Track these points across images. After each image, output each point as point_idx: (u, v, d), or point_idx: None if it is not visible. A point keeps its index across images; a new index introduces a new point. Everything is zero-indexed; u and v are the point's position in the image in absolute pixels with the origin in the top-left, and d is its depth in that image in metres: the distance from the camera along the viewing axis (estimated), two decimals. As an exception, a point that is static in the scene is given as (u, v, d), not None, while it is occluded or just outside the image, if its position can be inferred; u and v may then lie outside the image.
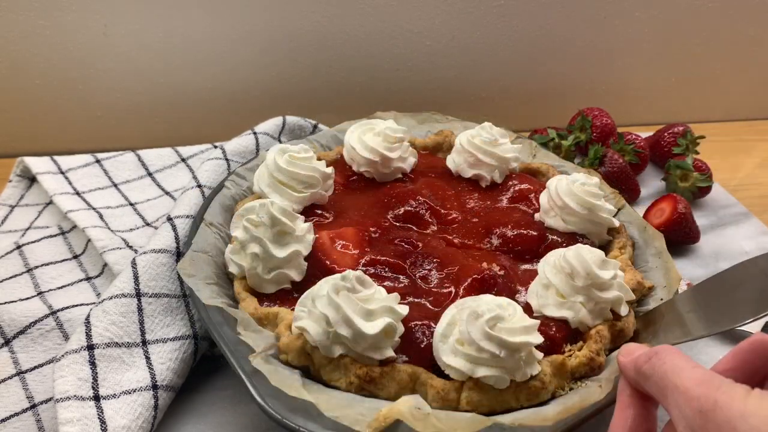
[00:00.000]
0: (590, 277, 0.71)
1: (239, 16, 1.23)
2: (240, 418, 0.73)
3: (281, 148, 0.89)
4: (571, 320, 0.71)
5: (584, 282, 0.71)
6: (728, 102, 1.51)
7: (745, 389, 0.45)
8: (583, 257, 0.71)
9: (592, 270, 0.71)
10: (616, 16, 1.34)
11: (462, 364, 0.63)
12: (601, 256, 0.73)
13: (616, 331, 0.73)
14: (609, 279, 0.71)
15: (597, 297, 0.71)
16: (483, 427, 0.59)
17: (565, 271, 0.72)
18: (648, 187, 1.19)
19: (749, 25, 1.40)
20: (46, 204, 1.04)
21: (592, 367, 0.68)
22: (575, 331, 0.72)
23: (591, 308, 0.71)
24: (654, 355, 0.53)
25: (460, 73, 1.37)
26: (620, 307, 0.73)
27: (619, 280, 0.73)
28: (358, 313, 0.64)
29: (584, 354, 0.69)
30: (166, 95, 1.30)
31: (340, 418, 0.60)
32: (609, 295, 0.72)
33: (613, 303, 0.73)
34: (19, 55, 1.21)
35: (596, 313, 0.72)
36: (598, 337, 0.70)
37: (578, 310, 0.71)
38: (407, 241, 0.83)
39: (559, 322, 0.72)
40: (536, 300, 0.74)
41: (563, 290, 0.72)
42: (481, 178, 0.97)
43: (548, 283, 0.73)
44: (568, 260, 0.72)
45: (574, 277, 0.71)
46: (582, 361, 0.68)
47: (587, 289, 0.71)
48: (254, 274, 0.75)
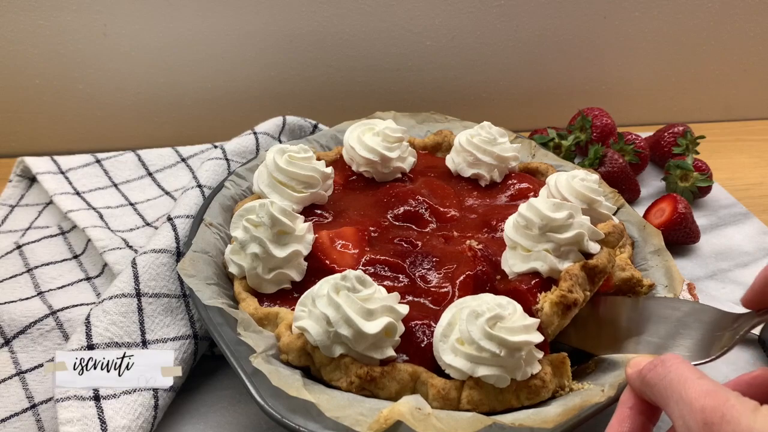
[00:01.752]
0: (544, 222, 0.71)
1: (239, 16, 1.23)
2: (240, 418, 0.73)
3: (281, 148, 0.89)
4: (540, 269, 0.72)
5: (540, 229, 0.71)
6: (728, 102, 1.51)
7: (753, 404, 0.44)
8: (533, 206, 0.73)
9: (545, 214, 0.71)
10: (616, 16, 1.35)
11: (462, 363, 0.63)
12: (554, 201, 0.74)
13: (590, 269, 0.72)
14: (564, 219, 0.72)
15: (557, 239, 0.71)
16: (483, 427, 0.59)
17: (521, 224, 0.73)
18: (648, 187, 1.20)
19: (749, 25, 1.40)
20: (46, 204, 1.04)
21: (567, 305, 0.68)
22: (549, 281, 0.72)
23: (556, 253, 0.72)
24: (660, 363, 0.53)
25: (460, 73, 1.37)
26: (587, 245, 0.73)
27: (579, 220, 0.73)
28: (358, 313, 0.64)
29: (555, 293, 0.69)
30: (166, 95, 1.30)
31: (340, 418, 0.59)
32: (568, 235, 0.71)
33: (577, 242, 0.72)
34: (19, 55, 1.21)
35: (563, 257, 0.72)
36: (567, 276, 0.70)
37: (544, 257, 0.71)
38: (407, 241, 0.83)
39: (530, 275, 0.72)
40: (507, 265, 0.75)
41: (526, 244, 0.73)
42: (481, 177, 0.97)
43: (513, 244, 0.74)
44: (521, 214, 0.73)
45: (531, 228, 0.72)
46: (553, 300, 0.68)
47: (545, 235, 0.71)
48: (254, 275, 0.75)
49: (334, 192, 0.93)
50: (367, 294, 0.66)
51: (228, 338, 0.68)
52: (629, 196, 1.13)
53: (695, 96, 1.49)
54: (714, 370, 0.80)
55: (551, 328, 0.68)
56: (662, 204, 1.04)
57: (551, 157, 1.07)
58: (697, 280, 0.97)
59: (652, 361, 0.54)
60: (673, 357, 0.53)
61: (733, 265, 1.00)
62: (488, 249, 0.79)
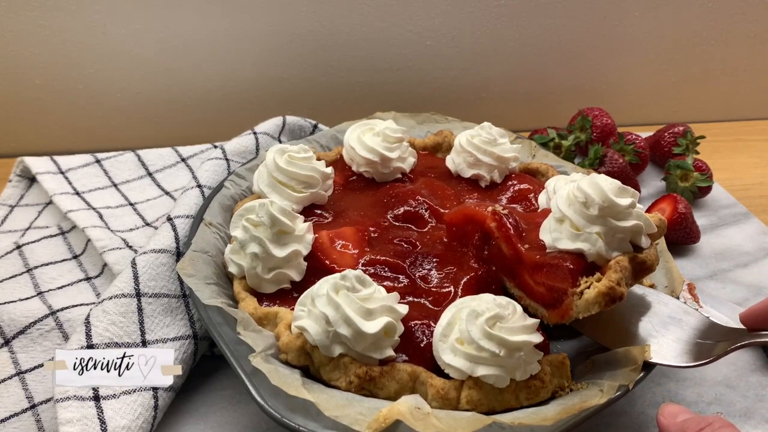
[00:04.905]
0: (606, 205, 0.66)
1: (239, 16, 1.23)
2: (240, 418, 0.73)
3: (280, 148, 0.89)
4: (587, 252, 0.67)
5: (600, 211, 0.66)
6: (728, 102, 1.51)
7: None
8: (598, 185, 0.67)
9: (608, 197, 0.66)
10: (616, 16, 1.34)
11: (462, 363, 0.63)
12: (618, 184, 0.68)
13: (638, 264, 0.68)
14: (626, 206, 0.67)
15: (614, 226, 0.67)
16: (483, 426, 0.59)
17: (579, 200, 0.68)
18: (648, 187, 1.20)
19: (749, 25, 1.40)
20: (46, 204, 1.04)
21: (613, 298, 0.64)
22: (592, 265, 0.68)
23: (608, 239, 0.67)
24: (707, 426, 0.52)
25: (460, 73, 1.37)
26: (640, 239, 0.69)
27: (638, 210, 0.69)
28: (357, 313, 0.64)
29: (604, 284, 0.64)
30: (166, 95, 1.30)
31: (340, 417, 0.59)
32: (627, 224, 0.67)
33: (632, 233, 0.68)
34: (19, 55, 1.21)
35: (614, 245, 0.67)
36: (618, 267, 0.65)
37: (594, 241, 0.67)
38: (407, 241, 0.83)
39: (574, 255, 0.68)
40: (549, 235, 0.70)
41: (578, 222, 0.67)
42: (481, 177, 0.97)
43: (562, 217, 0.69)
44: (582, 189, 0.68)
45: (588, 207, 0.67)
46: (601, 290, 0.64)
47: (603, 218, 0.66)
48: (254, 274, 0.75)
49: (334, 192, 0.93)
50: (367, 294, 0.66)
51: (227, 338, 0.68)
52: (629, 196, 1.13)
53: (695, 96, 1.49)
54: (714, 371, 0.80)
55: (582, 315, 0.65)
56: (662, 204, 1.04)
57: (551, 157, 1.07)
58: (697, 280, 0.97)
59: (697, 421, 0.53)
60: (720, 420, 0.52)
61: (733, 265, 1.00)
62: (513, 216, 0.75)
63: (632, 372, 0.65)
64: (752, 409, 0.76)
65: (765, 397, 0.77)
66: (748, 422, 0.74)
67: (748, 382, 0.79)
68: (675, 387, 0.78)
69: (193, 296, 0.72)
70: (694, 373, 0.80)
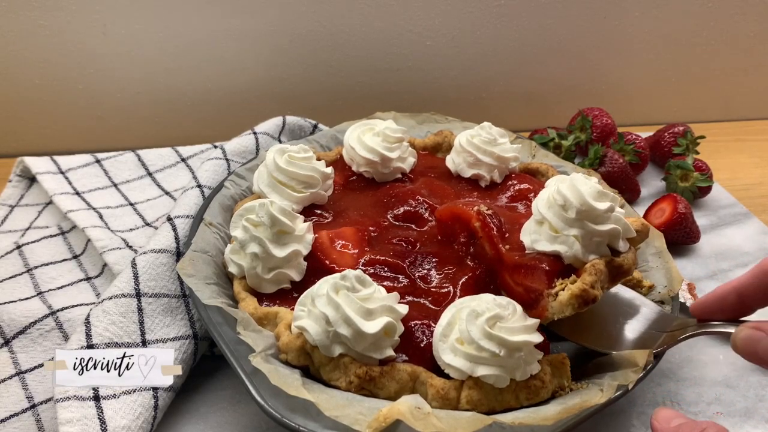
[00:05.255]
0: (584, 208, 0.66)
1: (239, 16, 1.23)
2: (240, 418, 0.73)
3: (280, 148, 0.89)
4: (564, 255, 0.68)
5: (577, 214, 0.67)
6: (728, 102, 1.51)
7: None
8: (576, 188, 0.68)
9: (586, 201, 0.67)
10: (616, 16, 1.35)
11: (462, 363, 0.63)
12: (598, 188, 0.69)
13: (614, 267, 0.68)
14: (604, 210, 0.67)
15: (591, 229, 0.67)
16: (483, 426, 0.59)
17: (558, 203, 0.68)
18: (648, 187, 1.20)
19: (749, 25, 1.40)
20: (46, 204, 1.04)
21: (586, 300, 0.64)
22: (569, 267, 0.68)
23: (585, 242, 0.67)
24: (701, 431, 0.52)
25: (460, 73, 1.37)
26: (618, 242, 0.69)
27: (616, 214, 0.69)
28: (357, 313, 0.64)
29: (577, 286, 0.65)
30: (166, 95, 1.30)
31: (340, 417, 0.59)
32: (604, 228, 0.67)
33: (610, 236, 0.68)
34: (19, 55, 1.21)
35: (591, 248, 0.68)
36: (593, 270, 0.66)
37: (572, 243, 0.67)
38: (406, 241, 0.83)
39: (551, 257, 0.68)
40: (529, 237, 0.71)
41: (556, 224, 0.68)
42: (481, 177, 0.97)
43: (541, 219, 0.70)
44: (561, 192, 0.68)
45: (567, 209, 0.68)
46: (574, 292, 0.64)
47: (580, 221, 0.67)
48: (254, 274, 0.75)
49: (334, 192, 0.93)
50: (367, 294, 0.66)
51: (227, 337, 0.68)
52: (629, 197, 1.13)
53: (695, 96, 1.49)
54: (714, 371, 0.80)
55: (557, 316, 0.66)
56: (662, 204, 1.04)
57: (551, 157, 1.07)
58: (697, 280, 0.97)
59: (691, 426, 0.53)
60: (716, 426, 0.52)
61: (733, 265, 1.00)
62: (497, 216, 0.76)
63: (632, 373, 0.65)
64: (752, 409, 0.76)
65: (765, 397, 0.77)
66: (748, 422, 0.74)
67: (748, 382, 0.79)
68: (675, 387, 0.78)
69: (193, 296, 0.72)
70: (694, 372, 0.80)
